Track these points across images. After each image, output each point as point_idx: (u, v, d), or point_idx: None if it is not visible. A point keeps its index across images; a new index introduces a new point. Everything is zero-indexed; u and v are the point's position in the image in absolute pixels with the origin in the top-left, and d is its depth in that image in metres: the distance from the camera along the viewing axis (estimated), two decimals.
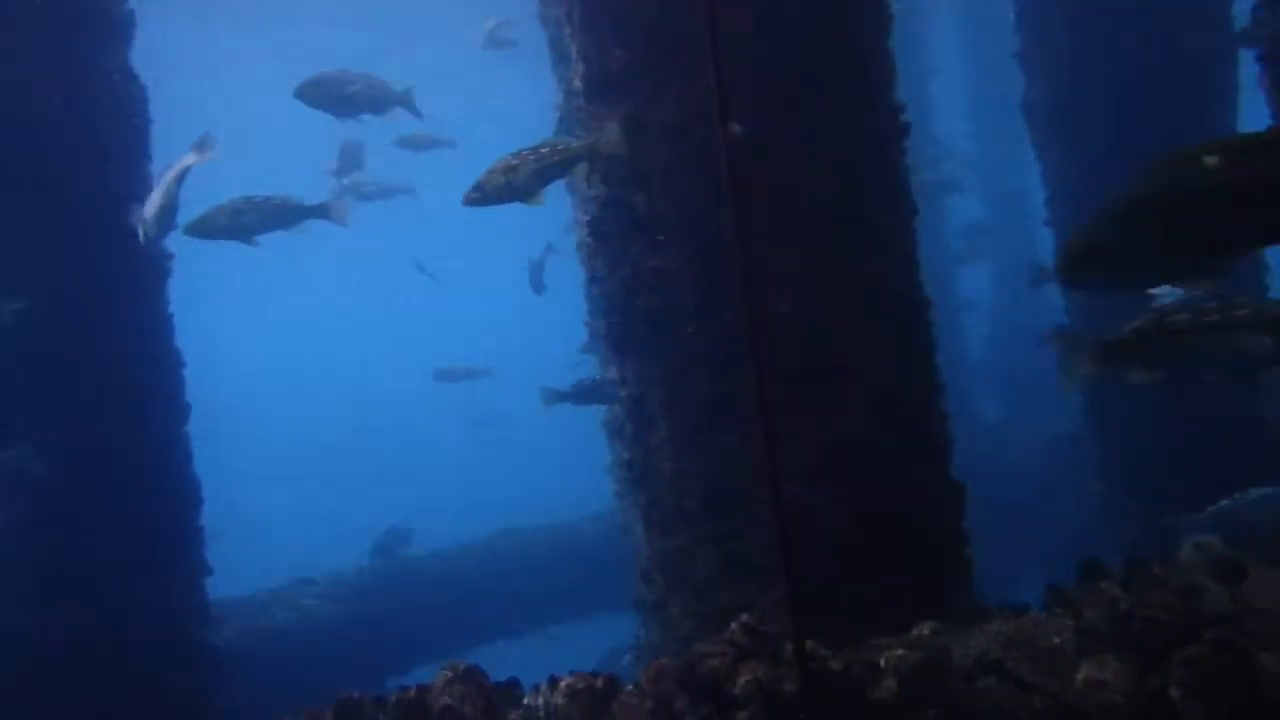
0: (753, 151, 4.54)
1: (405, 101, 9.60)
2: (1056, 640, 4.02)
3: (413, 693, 4.60)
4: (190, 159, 7.14)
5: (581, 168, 5.50)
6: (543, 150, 5.73)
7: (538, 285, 13.64)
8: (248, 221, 7.42)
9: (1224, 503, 6.64)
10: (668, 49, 4.90)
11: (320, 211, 7.57)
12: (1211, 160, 3.20)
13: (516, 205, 5.72)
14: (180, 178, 7.15)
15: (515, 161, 5.75)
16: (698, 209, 4.93)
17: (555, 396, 9.12)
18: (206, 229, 7.40)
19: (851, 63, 5.00)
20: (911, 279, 5.20)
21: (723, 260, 4.75)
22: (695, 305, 4.97)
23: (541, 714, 4.38)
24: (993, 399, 14.83)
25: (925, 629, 4.11)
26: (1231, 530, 6.13)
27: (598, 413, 9.76)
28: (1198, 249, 3.38)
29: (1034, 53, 8.48)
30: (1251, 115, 6.24)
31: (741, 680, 3.95)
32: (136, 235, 7.18)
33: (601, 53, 5.07)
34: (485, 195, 5.79)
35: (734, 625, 4.15)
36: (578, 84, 5.24)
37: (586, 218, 5.52)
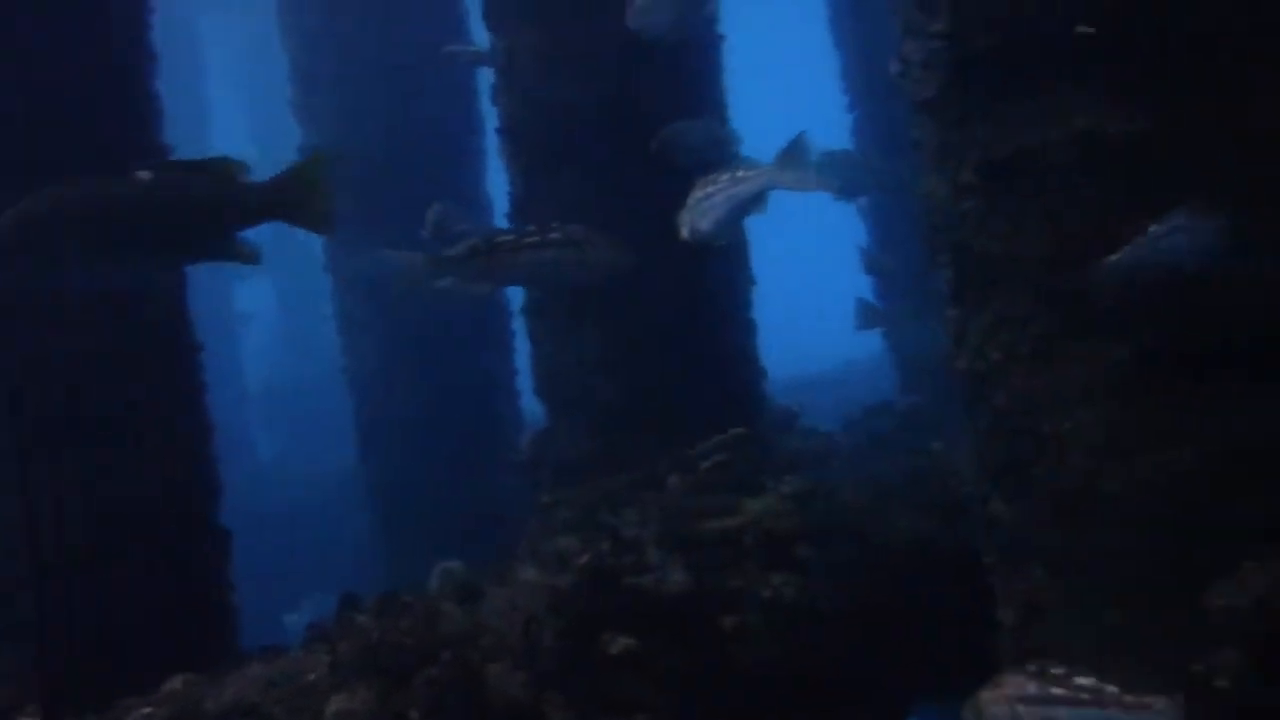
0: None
1: None
2: (312, 677, 4.21)
3: None
4: None
5: None
6: None
7: None
8: None
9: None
10: None
11: None
12: (143, 175, 3.39)
13: None
14: None
15: None
16: None
17: None
18: None
19: (117, 104, 4.86)
20: (185, 324, 5.15)
21: None
22: None
23: None
24: (269, 427, 14.69)
25: (178, 683, 4.09)
26: None
27: None
28: (122, 256, 3.51)
29: (305, 104, 8.79)
30: (498, 180, 7.03)
31: None
32: None
33: None
34: None
35: None
36: None
37: None
